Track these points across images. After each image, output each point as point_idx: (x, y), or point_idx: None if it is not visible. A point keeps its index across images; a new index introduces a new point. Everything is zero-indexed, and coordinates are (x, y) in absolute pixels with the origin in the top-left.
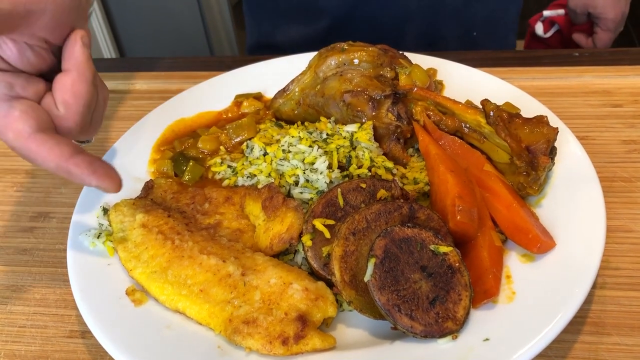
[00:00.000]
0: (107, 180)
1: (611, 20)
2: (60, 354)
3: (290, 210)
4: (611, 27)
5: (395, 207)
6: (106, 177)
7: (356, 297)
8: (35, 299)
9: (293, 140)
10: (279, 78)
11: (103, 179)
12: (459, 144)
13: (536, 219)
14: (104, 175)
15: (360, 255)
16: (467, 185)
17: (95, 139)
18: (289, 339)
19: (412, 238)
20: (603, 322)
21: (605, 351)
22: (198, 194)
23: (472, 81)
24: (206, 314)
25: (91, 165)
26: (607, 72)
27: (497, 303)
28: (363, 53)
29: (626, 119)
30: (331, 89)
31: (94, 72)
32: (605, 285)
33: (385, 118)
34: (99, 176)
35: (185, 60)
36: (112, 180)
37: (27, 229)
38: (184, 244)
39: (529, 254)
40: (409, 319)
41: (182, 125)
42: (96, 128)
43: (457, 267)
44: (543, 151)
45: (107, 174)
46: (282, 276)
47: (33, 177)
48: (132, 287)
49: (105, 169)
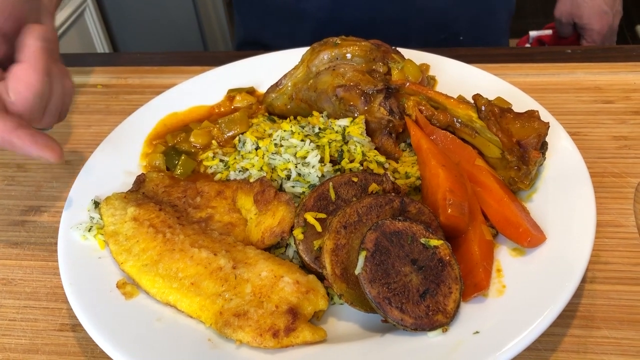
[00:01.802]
0: (48, 151)
1: (597, 32)
2: (51, 347)
3: (282, 204)
4: (597, 39)
5: (386, 201)
6: (46, 148)
7: (347, 290)
8: (25, 292)
9: (285, 134)
10: (271, 73)
11: (43, 149)
12: (450, 138)
13: (527, 213)
14: (44, 145)
15: (351, 248)
16: (459, 179)
17: (88, 132)
18: (279, 331)
19: (403, 231)
20: (592, 315)
21: (594, 344)
22: (190, 188)
23: (465, 77)
24: (197, 307)
25: (33, 137)
26: (599, 68)
27: (487, 297)
28: (356, 48)
29: (617, 115)
30: (324, 83)
31: (48, 64)
32: (595, 279)
33: (378, 112)
34: (40, 147)
35: (178, 56)
36: (52, 151)
37: (18, 222)
38: (175, 237)
39: (520, 248)
40: (399, 311)
41: (174, 119)
42: (53, 117)
43: (448, 260)
44: (534, 145)
45: (48, 144)
46: (273, 269)
47: (24, 170)
48: (123, 280)
49: (46, 140)
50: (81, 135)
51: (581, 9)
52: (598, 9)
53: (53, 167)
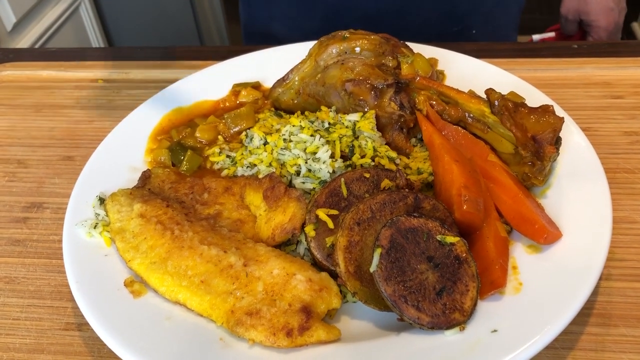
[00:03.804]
0: None
1: (603, 29)
2: (57, 347)
3: (293, 200)
4: (603, 36)
5: (400, 197)
6: None
7: (361, 288)
8: (29, 290)
9: (294, 129)
10: (277, 67)
11: None
12: (462, 134)
13: (542, 209)
14: None
15: (365, 245)
16: (473, 175)
17: (90, 128)
18: (293, 330)
19: (418, 228)
20: (609, 313)
21: (612, 343)
22: (197, 184)
23: (473, 71)
24: (207, 305)
25: None
26: (608, 63)
27: (504, 294)
28: (365, 41)
29: (627, 110)
30: (332, 77)
31: None
32: (610, 276)
33: (388, 107)
34: None
35: (179, 50)
36: None
37: (20, 219)
38: (184, 234)
39: (535, 244)
40: (415, 310)
41: (179, 114)
42: None
43: (464, 257)
44: (549, 141)
45: None
46: (285, 267)
47: (25, 166)
48: (131, 278)
49: None
50: (83, 131)
51: (588, 5)
52: (604, 6)
53: (55, 163)
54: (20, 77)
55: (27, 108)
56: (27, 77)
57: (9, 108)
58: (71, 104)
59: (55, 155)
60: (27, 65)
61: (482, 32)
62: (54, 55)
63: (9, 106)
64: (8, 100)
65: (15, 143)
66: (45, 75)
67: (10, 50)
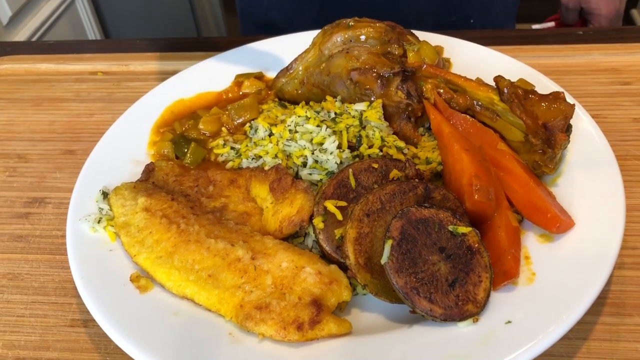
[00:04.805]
0: None
1: (604, 17)
2: (62, 344)
3: (300, 192)
4: (604, 24)
5: (410, 187)
6: None
7: (371, 281)
8: (33, 287)
9: (300, 120)
10: (280, 57)
11: None
12: (470, 122)
13: (553, 198)
14: None
15: (374, 237)
16: (483, 164)
17: (90, 121)
18: (303, 324)
19: (429, 219)
20: (623, 302)
21: (626, 332)
22: (201, 177)
23: (479, 58)
24: (216, 299)
25: None
26: (615, 49)
27: (517, 285)
28: (370, 29)
29: (636, 97)
30: (337, 66)
31: None
32: (623, 265)
33: (395, 96)
34: None
35: (179, 42)
36: None
37: (22, 215)
38: (190, 228)
39: (547, 234)
40: (428, 302)
41: (181, 106)
42: None
43: (477, 248)
44: (561, 128)
45: None
46: (293, 260)
47: (26, 161)
48: (137, 273)
49: None
50: (84, 124)
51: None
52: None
53: (56, 157)
54: (19, 71)
55: (26, 102)
56: (25, 70)
57: (8, 102)
58: (71, 97)
59: (56, 149)
60: (25, 58)
61: (480, 22)
62: (52, 48)
63: (8, 100)
64: (7, 94)
65: (15, 137)
66: (43, 68)
67: (7, 43)
